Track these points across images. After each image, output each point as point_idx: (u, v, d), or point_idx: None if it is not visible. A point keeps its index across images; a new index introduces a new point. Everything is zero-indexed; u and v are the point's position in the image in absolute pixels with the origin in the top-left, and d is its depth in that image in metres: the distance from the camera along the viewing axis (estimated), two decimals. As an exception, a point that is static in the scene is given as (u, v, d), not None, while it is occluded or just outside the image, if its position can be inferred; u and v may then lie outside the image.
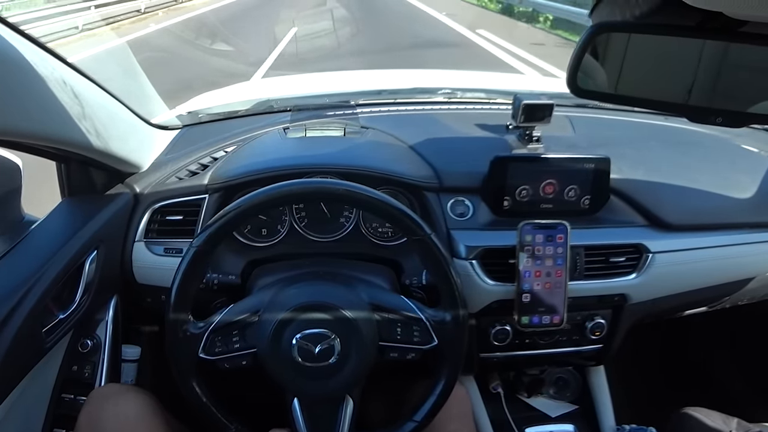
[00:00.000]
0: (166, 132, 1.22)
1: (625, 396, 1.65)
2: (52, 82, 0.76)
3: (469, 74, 2.10)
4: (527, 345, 1.07)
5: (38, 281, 0.83)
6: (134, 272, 1.03)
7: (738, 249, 1.08)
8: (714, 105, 0.62)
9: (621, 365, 1.69)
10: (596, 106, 1.32)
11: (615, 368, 1.69)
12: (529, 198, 1.03)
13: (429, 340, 0.81)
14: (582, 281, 1.02)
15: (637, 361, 1.70)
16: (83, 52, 5.65)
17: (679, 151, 1.19)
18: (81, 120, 0.83)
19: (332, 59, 6.03)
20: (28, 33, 0.74)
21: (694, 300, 1.13)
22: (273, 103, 1.36)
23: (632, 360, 1.69)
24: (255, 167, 1.01)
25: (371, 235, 1.07)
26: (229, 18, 10.57)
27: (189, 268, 0.77)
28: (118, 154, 0.97)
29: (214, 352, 0.78)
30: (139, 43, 7.64)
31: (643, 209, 1.06)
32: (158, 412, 0.89)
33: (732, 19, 0.51)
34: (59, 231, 0.93)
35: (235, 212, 0.77)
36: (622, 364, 1.69)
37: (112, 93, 0.98)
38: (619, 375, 1.68)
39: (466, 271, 0.99)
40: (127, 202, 1.03)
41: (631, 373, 1.68)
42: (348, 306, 0.78)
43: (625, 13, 0.57)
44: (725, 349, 1.57)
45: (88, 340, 0.99)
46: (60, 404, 0.96)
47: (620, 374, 1.68)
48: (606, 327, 1.07)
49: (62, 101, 0.79)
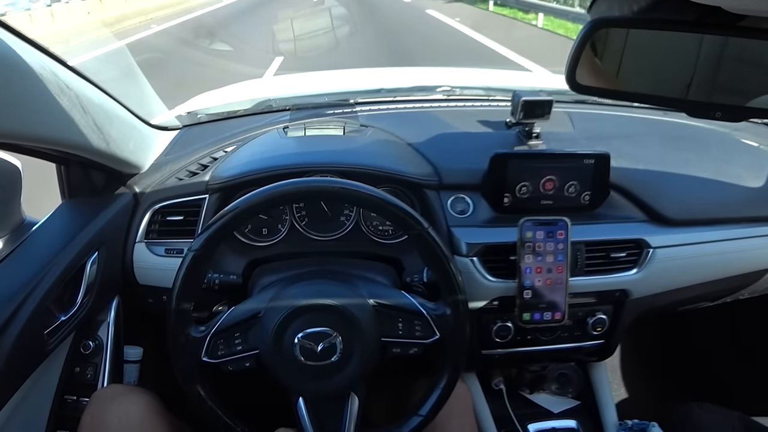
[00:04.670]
0: (165, 133, 1.22)
1: (627, 391, 1.65)
2: (51, 84, 0.76)
3: (468, 71, 2.10)
4: (529, 341, 1.07)
5: (39, 283, 0.83)
6: (135, 273, 1.03)
7: (739, 243, 1.08)
8: (713, 99, 0.62)
9: (623, 361, 1.70)
10: (595, 102, 1.33)
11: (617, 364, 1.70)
12: (529, 194, 1.03)
13: (431, 334, 0.81)
14: (583, 277, 1.02)
15: (639, 356, 1.70)
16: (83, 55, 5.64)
17: (678, 146, 1.19)
18: (80, 122, 0.83)
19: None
20: (28, 36, 0.74)
21: (695, 295, 1.13)
22: (272, 103, 1.36)
23: (634, 355, 1.70)
24: (255, 167, 1.01)
25: (372, 234, 1.07)
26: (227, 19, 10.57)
27: (188, 273, 0.76)
28: (117, 156, 0.97)
29: (216, 356, 0.78)
30: (139, 45, 7.64)
31: (643, 204, 1.06)
32: (161, 412, 0.89)
33: (731, 13, 0.51)
34: (60, 233, 0.93)
35: (232, 214, 0.77)
36: (624, 359, 1.70)
37: (112, 94, 0.98)
38: (621, 370, 1.69)
39: (467, 269, 0.99)
40: (127, 203, 1.03)
41: (633, 369, 1.68)
42: (349, 304, 0.78)
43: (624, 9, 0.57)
44: (726, 343, 1.57)
45: (90, 342, 0.99)
46: (63, 406, 0.96)
47: (622, 370, 1.69)
48: (607, 323, 1.07)
49: (62, 103, 0.79)
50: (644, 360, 1.70)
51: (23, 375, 0.84)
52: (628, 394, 1.64)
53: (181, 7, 11.92)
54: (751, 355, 1.49)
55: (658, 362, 1.70)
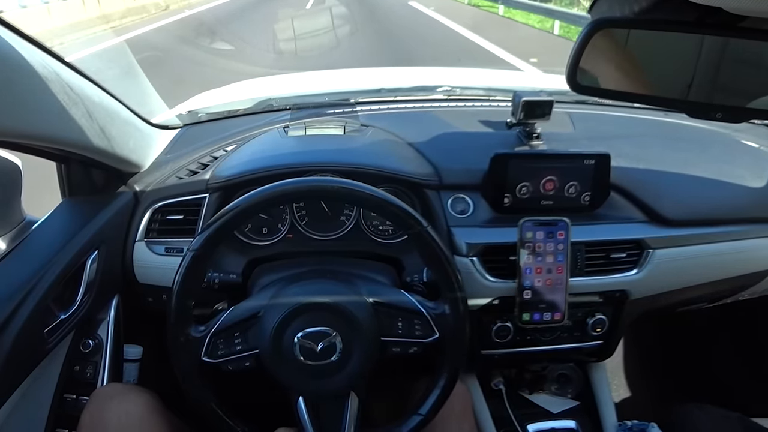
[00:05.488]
0: (166, 131, 1.22)
1: (627, 392, 1.65)
2: (51, 82, 0.76)
3: (469, 71, 2.10)
4: (529, 342, 1.08)
5: (39, 282, 0.83)
6: (135, 272, 1.03)
7: (739, 244, 1.08)
8: (714, 100, 0.62)
9: (622, 361, 1.70)
10: (596, 102, 1.33)
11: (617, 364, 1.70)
12: (529, 195, 1.03)
13: (430, 334, 0.81)
14: (583, 277, 1.02)
15: (639, 356, 1.70)
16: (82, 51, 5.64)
17: (679, 146, 1.19)
18: (81, 120, 0.83)
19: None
20: (28, 34, 0.74)
21: (695, 296, 1.13)
22: (273, 102, 1.36)
23: (634, 356, 1.70)
24: (255, 166, 1.01)
25: (372, 233, 1.07)
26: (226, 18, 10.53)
27: (188, 272, 0.76)
28: (118, 154, 0.97)
29: (216, 355, 0.78)
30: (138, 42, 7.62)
31: (643, 205, 1.06)
32: (160, 411, 0.89)
33: (731, 14, 0.51)
34: (60, 231, 0.93)
35: (233, 213, 0.76)
36: (624, 360, 1.70)
37: (112, 93, 0.98)
38: (621, 371, 1.69)
39: (467, 269, 0.99)
40: (127, 202, 1.03)
41: (632, 369, 1.68)
42: (348, 303, 0.78)
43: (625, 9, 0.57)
44: (726, 344, 1.57)
45: (89, 340, 0.99)
46: (62, 404, 0.96)
47: (622, 370, 1.69)
48: (607, 323, 1.07)
49: (62, 102, 0.78)
50: (644, 360, 1.70)
51: (23, 373, 0.84)
52: (627, 394, 1.64)
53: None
54: (751, 355, 1.49)
55: (658, 363, 1.70)
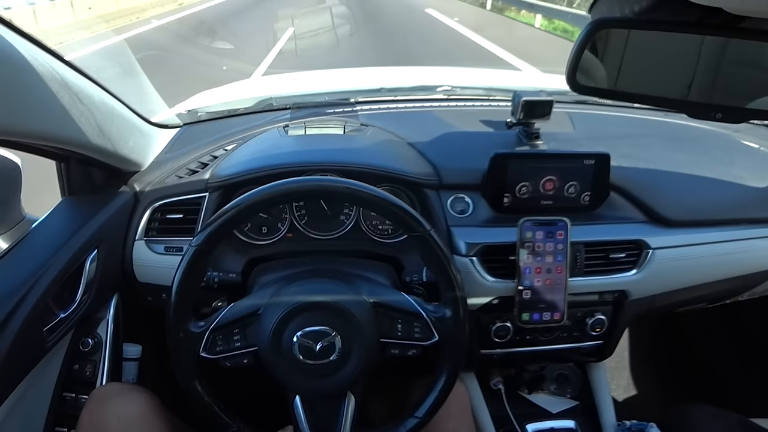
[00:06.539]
0: (165, 130, 1.22)
1: (626, 392, 1.66)
2: (51, 81, 0.76)
3: (469, 71, 2.10)
4: (528, 341, 1.08)
5: (39, 280, 0.83)
6: (135, 271, 1.03)
7: (739, 245, 1.08)
8: (713, 101, 0.62)
9: (622, 361, 1.70)
10: (596, 102, 1.33)
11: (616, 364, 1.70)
12: (529, 194, 1.03)
13: (429, 336, 0.81)
14: (582, 277, 1.02)
15: (638, 357, 1.70)
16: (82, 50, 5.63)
17: (679, 147, 1.19)
18: (81, 119, 0.83)
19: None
20: (28, 33, 0.74)
21: (695, 296, 1.13)
22: (273, 101, 1.36)
23: (633, 356, 1.70)
24: (255, 165, 1.01)
25: (372, 233, 1.07)
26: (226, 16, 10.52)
27: (189, 268, 0.76)
28: (117, 153, 0.97)
29: (215, 351, 0.78)
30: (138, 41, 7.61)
31: (643, 205, 1.06)
32: (160, 410, 0.89)
33: (731, 14, 0.51)
34: (60, 230, 0.93)
35: (234, 211, 0.76)
36: (623, 360, 1.70)
37: (112, 92, 0.98)
38: (620, 371, 1.69)
39: (466, 268, 0.99)
40: (127, 201, 1.03)
41: (631, 369, 1.69)
42: (348, 303, 0.78)
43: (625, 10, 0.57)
44: (726, 344, 1.57)
45: (89, 339, 0.99)
46: (62, 403, 0.96)
47: (621, 370, 1.69)
48: (606, 323, 1.07)
49: (62, 100, 0.78)
50: (643, 360, 1.70)
51: (22, 372, 0.84)
52: (626, 394, 1.65)
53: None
54: (750, 356, 1.50)
55: (657, 363, 1.70)
